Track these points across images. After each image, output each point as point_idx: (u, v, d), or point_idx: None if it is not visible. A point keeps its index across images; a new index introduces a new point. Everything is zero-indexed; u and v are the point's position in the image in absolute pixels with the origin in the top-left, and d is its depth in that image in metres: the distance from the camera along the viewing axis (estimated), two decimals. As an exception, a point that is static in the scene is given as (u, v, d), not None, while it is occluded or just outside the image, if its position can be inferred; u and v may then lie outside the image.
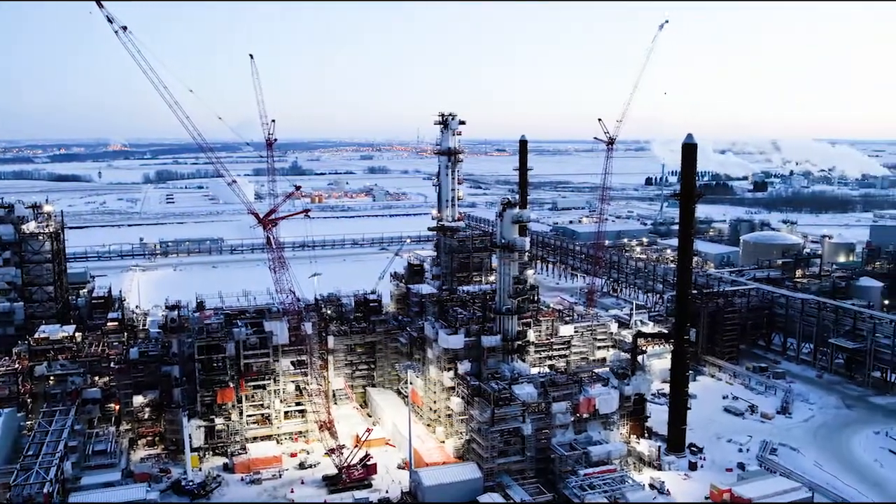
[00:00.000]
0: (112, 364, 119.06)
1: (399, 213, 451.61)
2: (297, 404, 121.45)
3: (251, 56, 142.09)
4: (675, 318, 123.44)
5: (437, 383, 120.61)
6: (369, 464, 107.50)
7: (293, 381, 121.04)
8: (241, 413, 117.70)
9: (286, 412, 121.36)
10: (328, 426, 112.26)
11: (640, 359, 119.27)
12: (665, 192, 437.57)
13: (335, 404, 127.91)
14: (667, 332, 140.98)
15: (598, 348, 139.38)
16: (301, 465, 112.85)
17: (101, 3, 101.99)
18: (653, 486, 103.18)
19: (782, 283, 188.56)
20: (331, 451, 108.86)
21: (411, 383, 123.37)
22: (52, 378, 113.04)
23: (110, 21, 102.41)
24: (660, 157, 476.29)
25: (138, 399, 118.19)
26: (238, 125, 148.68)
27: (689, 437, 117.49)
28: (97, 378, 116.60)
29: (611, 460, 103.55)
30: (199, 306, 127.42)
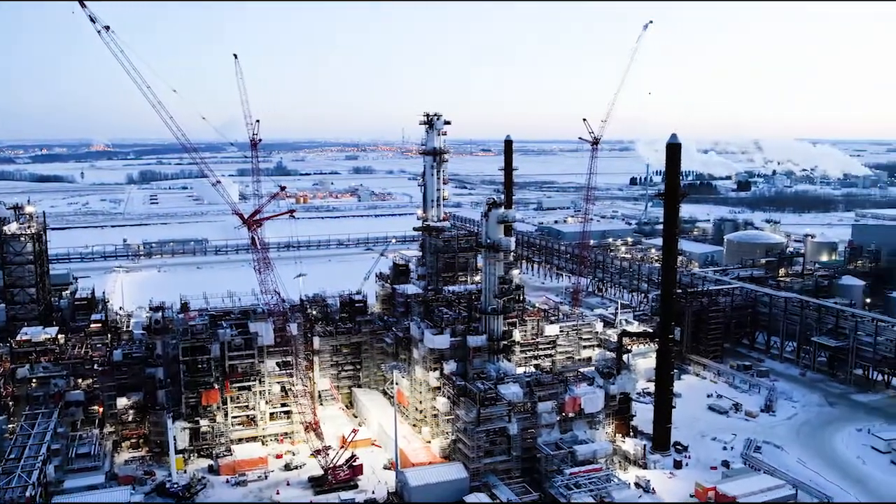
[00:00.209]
0: (95, 366, 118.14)
1: (384, 214, 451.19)
2: (283, 405, 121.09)
3: (235, 56, 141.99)
4: (659, 317, 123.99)
5: (422, 383, 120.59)
6: (355, 464, 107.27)
7: (278, 383, 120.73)
8: (226, 414, 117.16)
9: (272, 413, 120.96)
10: (314, 427, 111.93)
11: (625, 358, 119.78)
12: (650, 192, 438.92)
13: (321, 405, 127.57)
14: (652, 331, 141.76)
15: (584, 348, 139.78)
16: (287, 467, 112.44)
17: (83, 3, 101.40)
18: (638, 485, 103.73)
19: (766, 282, 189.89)
20: (317, 452, 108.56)
21: (397, 384, 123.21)
22: (34, 380, 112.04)
23: (93, 21, 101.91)
24: (644, 157, 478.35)
25: (122, 401, 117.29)
26: (222, 125, 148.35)
27: (674, 436, 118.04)
28: (80, 380, 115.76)
29: (596, 459, 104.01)
30: (184, 307, 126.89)
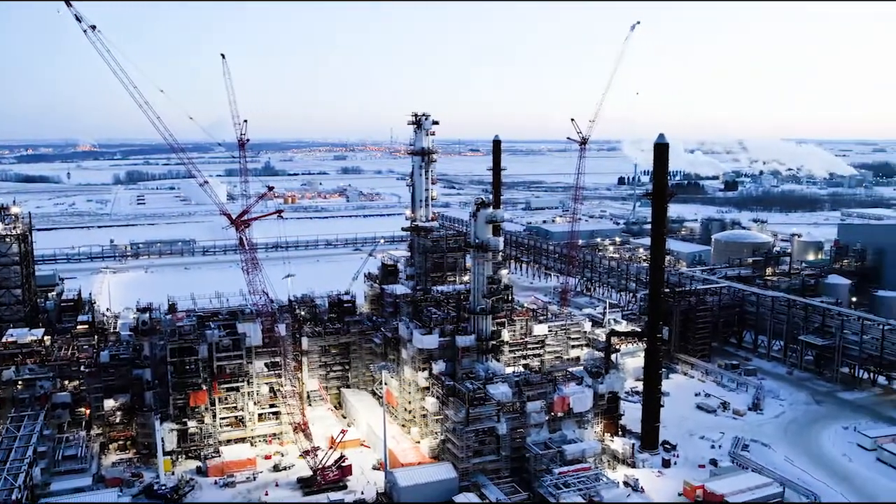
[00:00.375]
0: (82, 367, 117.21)
1: (373, 214, 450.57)
2: (271, 406, 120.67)
3: (223, 56, 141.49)
4: (647, 316, 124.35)
5: (411, 384, 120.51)
6: (344, 465, 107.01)
7: (267, 383, 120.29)
8: (214, 416, 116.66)
9: (260, 414, 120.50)
10: (303, 428, 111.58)
11: (613, 357, 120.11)
12: (637, 192, 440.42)
13: (309, 406, 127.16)
14: (640, 330, 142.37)
15: (572, 347, 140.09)
16: (275, 468, 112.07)
17: (69, 2, 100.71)
18: (627, 484, 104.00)
19: (753, 282, 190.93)
20: (305, 453, 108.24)
21: (386, 384, 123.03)
22: (20, 382, 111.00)
23: (79, 20, 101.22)
24: (630, 156, 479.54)
25: (109, 403, 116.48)
26: (210, 125, 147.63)
27: (662, 435, 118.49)
28: (67, 382, 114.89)
29: (585, 458, 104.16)
30: (171, 308, 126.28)
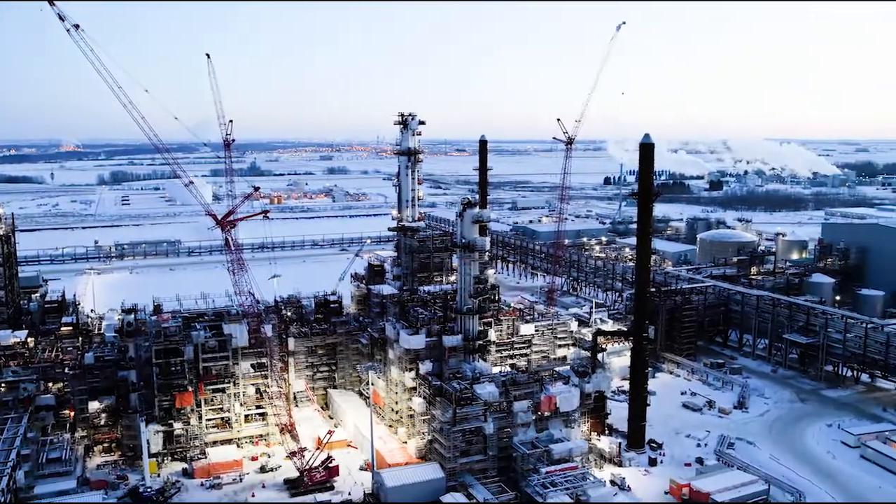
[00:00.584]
0: (66, 369, 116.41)
1: (359, 214, 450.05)
2: (258, 407, 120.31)
3: (208, 56, 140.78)
4: (634, 315, 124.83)
5: (398, 384, 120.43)
6: (331, 466, 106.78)
7: (253, 384, 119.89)
8: (200, 417, 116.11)
9: (246, 415, 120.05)
10: (289, 429, 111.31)
11: (600, 357, 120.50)
12: (623, 192, 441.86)
13: (296, 407, 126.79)
14: (626, 329, 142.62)
15: (559, 347, 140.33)
16: (262, 469, 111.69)
17: (52, 1, 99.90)
18: (613, 483, 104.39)
19: (738, 281, 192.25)
20: (292, 454, 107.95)
21: (373, 384, 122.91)
22: (3, 385, 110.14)
23: (62, 19, 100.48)
24: (615, 156, 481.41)
25: (94, 405, 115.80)
26: (195, 125, 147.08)
27: (648, 434, 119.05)
28: (51, 384, 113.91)
29: (572, 458, 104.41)
30: (157, 309, 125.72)
